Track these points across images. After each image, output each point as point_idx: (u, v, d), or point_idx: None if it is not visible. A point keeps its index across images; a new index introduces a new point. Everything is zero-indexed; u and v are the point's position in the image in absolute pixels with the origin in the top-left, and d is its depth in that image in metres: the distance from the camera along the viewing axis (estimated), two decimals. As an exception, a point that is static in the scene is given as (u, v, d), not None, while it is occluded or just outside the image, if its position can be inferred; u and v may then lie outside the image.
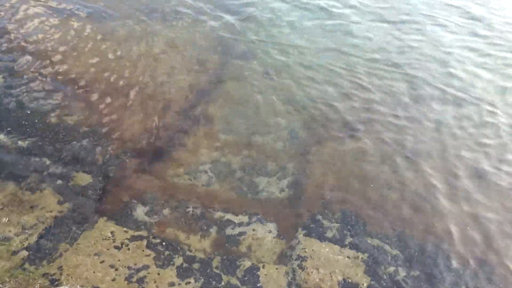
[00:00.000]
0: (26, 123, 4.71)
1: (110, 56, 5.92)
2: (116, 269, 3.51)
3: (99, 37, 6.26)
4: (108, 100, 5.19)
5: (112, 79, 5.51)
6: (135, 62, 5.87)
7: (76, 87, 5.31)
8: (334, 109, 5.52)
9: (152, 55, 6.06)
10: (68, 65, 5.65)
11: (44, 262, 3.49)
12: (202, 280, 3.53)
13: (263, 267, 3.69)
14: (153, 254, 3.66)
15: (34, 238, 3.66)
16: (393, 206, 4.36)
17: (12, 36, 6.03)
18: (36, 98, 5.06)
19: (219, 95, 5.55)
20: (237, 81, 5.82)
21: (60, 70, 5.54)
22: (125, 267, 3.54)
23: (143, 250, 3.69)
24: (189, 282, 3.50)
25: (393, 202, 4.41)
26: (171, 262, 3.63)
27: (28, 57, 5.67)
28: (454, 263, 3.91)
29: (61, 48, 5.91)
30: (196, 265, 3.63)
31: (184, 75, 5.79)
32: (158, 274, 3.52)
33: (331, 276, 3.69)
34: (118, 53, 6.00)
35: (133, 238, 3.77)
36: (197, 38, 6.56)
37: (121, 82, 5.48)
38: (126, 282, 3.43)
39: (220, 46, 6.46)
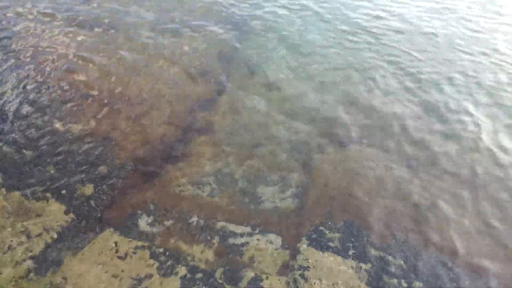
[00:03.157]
0: (31, 132, 4.79)
1: (112, 66, 6.03)
2: (120, 279, 3.53)
3: (102, 45, 6.38)
4: (112, 110, 5.27)
5: (114, 90, 5.60)
6: (137, 73, 5.97)
7: (80, 97, 5.40)
8: (337, 119, 5.56)
9: (154, 66, 6.16)
10: (73, 74, 5.76)
11: (49, 272, 3.53)
12: (205, 290, 3.55)
13: (266, 278, 3.70)
14: (156, 264, 3.68)
15: (39, 247, 3.70)
16: (397, 217, 4.37)
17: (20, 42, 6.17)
18: (42, 107, 5.15)
19: (222, 106, 5.61)
20: (239, 92, 5.89)
21: (64, 78, 5.64)
22: (128, 277, 3.56)
23: (146, 260, 3.71)
24: (192, 293, 3.52)
25: (397, 213, 4.41)
26: (174, 272, 3.65)
27: (34, 65, 5.79)
28: (457, 274, 3.90)
29: (67, 56, 6.03)
30: (199, 275, 3.65)
31: (187, 86, 5.87)
32: (161, 284, 3.54)
33: (334, 287, 3.69)
34: (121, 63, 6.10)
35: (137, 248, 3.79)
36: (199, 50, 6.67)
37: (123, 92, 5.57)
38: (129, 292, 3.46)
39: (222, 57, 6.56)
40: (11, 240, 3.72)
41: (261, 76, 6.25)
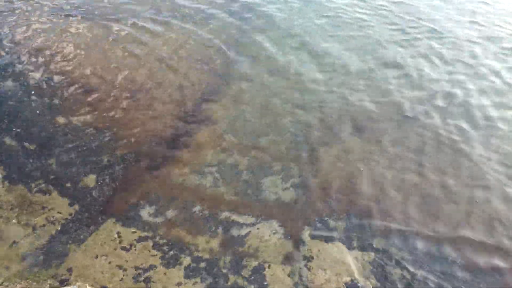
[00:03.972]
0: (35, 124, 4.78)
1: (116, 57, 5.97)
2: (124, 270, 3.55)
3: (104, 39, 6.31)
4: (114, 101, 5.24)
5: (117, 80, 5.56)
6: (140, 63, 5.92)
7: (82, 88, 5.37)
8: (340, 110, 5.50)
9: (157, 56, 6.10)
10: (75, 65, 5.71)
11: (53, 263, 3.55)
12: (209, 280, 3.56)
13: (269, 267, 3.71)
14: (159, 255, 3.70)
15: (43, 240, 3.72)
16: (400, 208, 4.34)
17: (19, 37, 6.12)
18: (44, 100, 5.13)
19: (224, 96, 5.56)
20: (242, 82, 5.82)
21: (67, 70, 5.61)
22: (132, 267, 3.58)
23: (150, 251, 3.72)
24: (196, 282, 3.53)
25: (401, 203, 4.38)
26: (178, 262, 3.66)
27: (36, 59, 5.75)
28: (461, 266, 3.88)
29: (68, 48, 5.98)
30: (203, 265, 3.66)
31: (190, 76, 5.81)
32: (165, 274, 3.56)
33: (337, 277, 3.69)
34: (124, 54, 6.04)
35: (140, 239, 3.81)
36: (203, 40, 6.58)
37: (126, 83, 5.53)
38: (133, 282, 3.47)
39: (226, 48, 6.47)
40: (16, 234, 3.74)
41: (264, 62, 6.17)
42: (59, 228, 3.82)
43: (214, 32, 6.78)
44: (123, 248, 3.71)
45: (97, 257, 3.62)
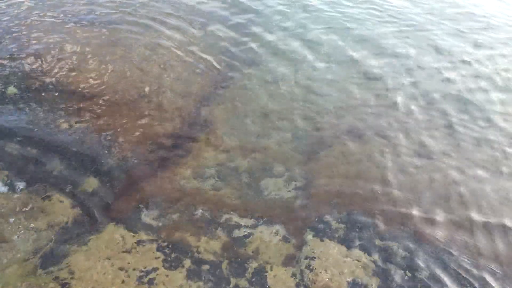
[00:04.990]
0: (37, 129, 4.81)
1: (116, 62, 6.03)
2: (126, 272, 3.54)
3: (106, 43, 6.38)
4: (115, 106, 5.27)
5: (118, 86, 5.60)
6: (140, 68, 5.97)
7: (84, 93, 5.41)
8: (339, 112, 5.55)
9: (157, 61, 6.16)
10: (76, 71, 5.76)
11: (55, 267, 3.54)
12: (211, 282, 3.55)
13: (271, 268, 3.70)
14: (162, 257, 3.69)
15: (45, 243, 3.71)
16: (402, 208, 4.36)
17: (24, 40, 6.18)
18: (46, 105, 5.16)
19: (224, 100, 5.61)
20: (241, 86, 5.88)
21: (69, 76, 5.65)
22: (135, 270, 3.57)
23: (153, 253, 3.72)
24: (198, 285, 3.52)
25: (402, 203, 4.40)
26: (180, 265, 3.65)
27: (39, 63, 5.80)
28: (464, 267, 3.88)
29: (71, 53, 6.04)
30: (205, 267, 3.65)
31: (189, 81, 5.87)
32: (167, 276, 3.55)
33: (340, 277, 3.68)
34: (124, 59, 6.10)
35: (142, 242, 3.80)
36: (201, 45, 6.66)
37: (127, 88, 5.57)
38: (136, 284, 3.46)
39: (225, 52, 6.55)
40: (18, 237, 3.73)
41: (263, 68, 6.24)
42: (60, 232, 3.82)
43: (214, 36, 6.87)
44: (125, 251, 3.71)
45: (99, 260, 3.61)
